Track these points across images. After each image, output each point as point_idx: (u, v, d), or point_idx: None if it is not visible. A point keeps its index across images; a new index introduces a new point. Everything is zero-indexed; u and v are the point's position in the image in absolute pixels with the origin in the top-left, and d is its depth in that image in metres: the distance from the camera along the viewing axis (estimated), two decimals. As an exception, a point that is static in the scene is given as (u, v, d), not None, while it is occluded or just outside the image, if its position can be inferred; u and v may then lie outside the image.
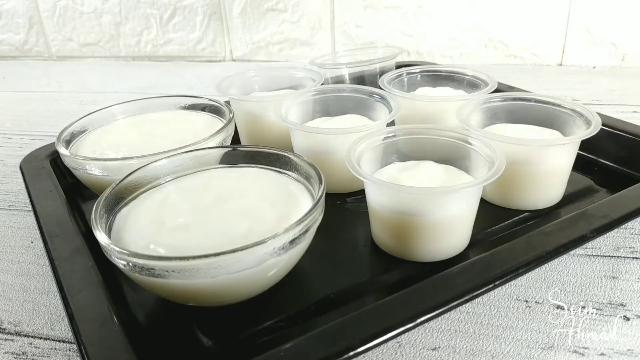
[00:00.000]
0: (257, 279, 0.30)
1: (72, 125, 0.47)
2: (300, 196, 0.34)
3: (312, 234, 0.31)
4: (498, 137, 0.39)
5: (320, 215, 0.31)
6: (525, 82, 0.62)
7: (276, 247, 0.28)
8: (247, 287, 0.30)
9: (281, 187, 0.35)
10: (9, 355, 0.32)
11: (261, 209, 0.33)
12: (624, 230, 0.40)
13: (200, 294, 0.29)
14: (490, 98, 0.46)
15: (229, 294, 0.30)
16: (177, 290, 0.29)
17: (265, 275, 0.30)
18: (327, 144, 0.43)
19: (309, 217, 0.30)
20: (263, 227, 0.31)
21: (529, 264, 0.31)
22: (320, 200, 0.31)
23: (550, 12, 0.83)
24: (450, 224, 0.34)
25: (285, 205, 0.33)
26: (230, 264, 0.27)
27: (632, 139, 0.45)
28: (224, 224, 0.32)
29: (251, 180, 0.37)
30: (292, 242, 0.29)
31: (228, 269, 0.27)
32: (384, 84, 0.51)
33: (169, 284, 0.28)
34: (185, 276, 0.27)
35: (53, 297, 0.37)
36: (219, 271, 0.27)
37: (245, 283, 0.29)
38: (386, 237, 0.37)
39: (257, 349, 0.28)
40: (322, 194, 0.32)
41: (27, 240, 0.44)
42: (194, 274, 0.27)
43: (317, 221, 0.31)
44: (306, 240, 0.31)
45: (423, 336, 0.31)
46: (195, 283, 0.28)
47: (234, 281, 0.28)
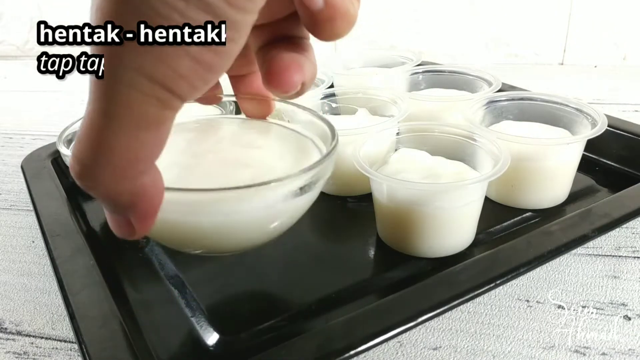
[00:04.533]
0: (259, 226, 0.27)
1: (73, 124, 0.46)
2: (310, 150, 0.32)
3: (320, 186, 0.29)
4: (503, 135, 0.39)
5: (331, 167, 0.29)
6: (526, 81, 0.61)
7: (284, 191, 0.26)
8: (245, 234, 0.28)
9: (291, 141, 0.33)
10: (11, 354, 0.32)
11: (268, 159, 0.30)
12: (625, 230, 0.40)
13: (196, 234, 0.27)
14: (496, 97, 0.46)
15: (225, 239, 0.28)
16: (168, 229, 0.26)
17: (268, 223, 0.27)
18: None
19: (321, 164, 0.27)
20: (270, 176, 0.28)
21: (530, 263, 0.31)
22: (333, 150, 0.29)
23: (551, 11, 0.83)
24: (455, 220, 0.34)
25: (295, 159, 0.31)
26: (235, 203, 0.24)
27: (633, 138, 0.45)
28: (226, 168, 0.29)
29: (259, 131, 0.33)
30: (301, 188, 0.26)
31: (232, 207, 0.25)
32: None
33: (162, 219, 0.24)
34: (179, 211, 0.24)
35: (54, 296, 0.37)
36: (221, 209, 0.25)
37: (245, 229, 0.27)
38: (392, 232, 0.37)
39: (258, 348, 0.28)
40: (335, 143, 0.29)
41: (29, 240, 0.44)
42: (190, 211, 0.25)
43: (327, 172, 0.29)
44: (314, 192, 0.28)
45: (424, 336, 0.31)
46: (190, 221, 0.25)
47: (235, 224, 0.26)
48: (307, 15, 0.19)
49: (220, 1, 0.15)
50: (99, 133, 0.16)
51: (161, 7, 0.15)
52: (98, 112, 0.16)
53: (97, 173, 0.17)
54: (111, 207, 0.19)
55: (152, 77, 0.15)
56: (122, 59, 0.15)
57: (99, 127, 0.16)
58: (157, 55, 0.15)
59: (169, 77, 0.15)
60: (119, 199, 0.18)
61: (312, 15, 0.19)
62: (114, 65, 0.15)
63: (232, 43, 0.16)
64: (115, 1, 0.15)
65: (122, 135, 0.16)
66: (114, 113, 0.16)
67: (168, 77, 0.15)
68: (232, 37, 0.16)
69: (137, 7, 0.15)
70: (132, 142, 0.16)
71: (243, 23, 0.16)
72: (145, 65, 0.15)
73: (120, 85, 0.15)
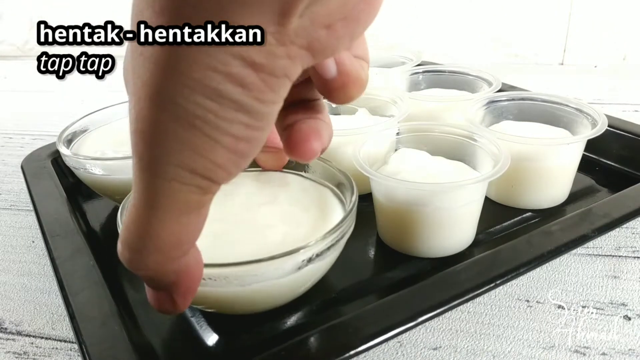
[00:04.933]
0: (290, 289, 0.29)
1: (73, 124, 0.47)
2: (330, 201, 0.33)
3: (345, 240, 0.30)
4: (504, 135, 0.39)
5: (354, 220, 0.30)
6: (526, 81, 0.61)
7: (315, 253, 0.27)
8: (277, 297, 0.29)
9: (310, 192, 0.34)
10: (10, 354, 0.32)
11: (294, 214, 0.31)
12: (625, 230, 0.40)
13: (229, 301, 0.28)
14: (496, 97, 0.46)
15: (258, 302, 0.29)
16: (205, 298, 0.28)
17: (299, 285, 0.29)
18: (332, 145, 0.43)
19: (345, 223, 0.29)
20: (299, 232, 0.30)
21: (530, 263, 0.31)
22: (354, 207, 0.30)
23: (551, 11, 0.83)
24: (455, 220, 0.34)
25: (319, 211, 0.32)
26: (266, 272, 0.26)
27: (633, 138, 0.45)
28: (256, 231, 0.30)
29: (279, 184, 0.35)
30: (329, 248, 0.28)
31: (263, 276, 0.26)
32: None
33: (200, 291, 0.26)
34: (218, 284, 0.26)
35: (54, 296, 0.37)
36: (255, 279, 0.26)
37: (277, 291, 0.28)
38: (392, 232, 0.37)
39: (258, 348, 0.28)
40: (355, 199, 0.30)
41: (29, 240, 0.44)
42: (228, 282, 0.26)
43: (351, 228, 0.30)
44: (340, 247, 0.30)
45: (424, 336, 0.31)
46: (226, 291, 0.27)
47: (267, 290, 0.27)
48: (321, 83, 0.20)
49: (251, 99, 0.16)
50: (146, 222, 0.18)
51: (197, 110, 0.16)
52: (143, 203, 0.17)
53: (146, 258, 0.18)
54: (155, 286, 0.21)
55: (193, 169, 0.17)
56: (164, 156, 0.16)
57: (145, 217, 0.17)
58: (196, 151, 0.16)
59: (208, 168, 0.17)
60: (164, 279, 0.20)
61: (326, 83, 0.20)
62: (156, 161, 0.17)
63: (261, 131, 0.17)
64: (157, 107, 0.16)
65: (167, 222, 0.17)
66: (158, 203, 0.17)
67: (207, 168, 0.17)
68: (261, 126, 0.17)
69: (176, 112, 0.16)
70: (176, 227, 0.18)
71: (270, 113, 0.17)
72: (186, 160, 0.16)
73: (163, 179, 0.17)
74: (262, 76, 0.16)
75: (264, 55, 0.16)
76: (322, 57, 0.17)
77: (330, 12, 0.16)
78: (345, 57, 0.20)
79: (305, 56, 0.16)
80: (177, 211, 0.17)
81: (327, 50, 0.17)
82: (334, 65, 0.20)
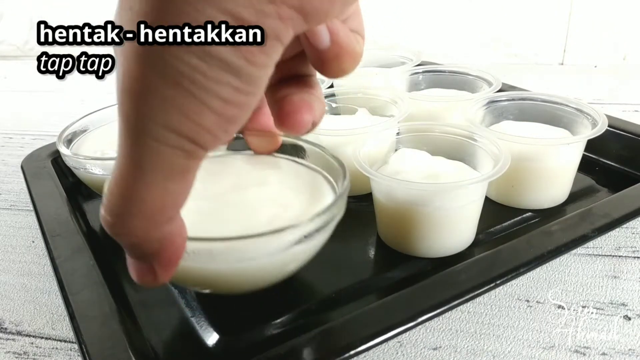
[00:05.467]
0: (276, 269, 0.28)
1: (73, 124, 0.47)
2: (321, 185, 0.33)
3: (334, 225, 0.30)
4: (504, 135, 0.39)
5: (344, 206, 0.30)
6: (526, 81, 0.61)
7: (302, 234, 0.27)
8: (262, 277, 0.29)
9: (302, 176, 0.34)
10: (11, 354, 0.32)
11: (283, 196, 0.31)
12: (625, 230, 0.40)
13: (212, 279, 0.28)
14: (496, 97, 0.46)
15: (244, 282, 0.29)
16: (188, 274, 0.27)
17: (285, 265, 0.28)
18: (332, 145, 0.43)
19: (335, 206, 0.28)
20: (288, 214, 0.29)
21: (530, 263, 0.31)
22: (345, 191, 0.30)
23: (551, 11, 0.83)
24: (455, 220, 0.34)
25: (309, 195, 0.32)
26: (251, 249, 0.26)
27: (633, 138, 0.45)
28: (244, 211, 0.30)
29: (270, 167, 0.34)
30: (317, 230, 0.27)
31: (248, 254, 0.26)
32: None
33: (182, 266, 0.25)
34: (202, 259, 0.25)
35: (54, 296, 0.37)
36: (241, 256, 0.26)
37: (262, 272, 0.28)
38: (392, 232, 0.37)
39: (258, 348, 0.28)
40: (347, 184, 0.30)
41: (29, 240, 0.44)
42: (212, 258, 0.25)
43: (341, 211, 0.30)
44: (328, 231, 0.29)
45: (424, 336, 0.31)
46: (209, 268, 0.26)
47: (252, 269, 0.27)
48: (314, 54, 0.20)
49: (241, 60, 0.16)
50: (130, 185, 0.17)
51: (185, 69, 0.16)
52: (128, 165, 0.17)
53: (129, 222, 0.18)
54: (137, 254, 0.20)
55: (179, 131, 0.16)
56: (149, 116, 0.16)
57: (130, 179, 0.17)
58: (183, 111, 0.16)
59: (195, 131, 0.16)
60: (146, 246, 0.19)
61: (319, 54, 0.20)
62: (142, 121, 0.16)
63: (251, 96, 0.17)
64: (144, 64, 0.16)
65: (152, 186, 0.17)
66: (143, 165, 0.17)
67: (194, 131, 0.16)
68: (251, 91, 0.17)
69: (162, 70, 0.16)
70: (161, 191, 0.17)
71: (261, 77, 0.17)
72: (172, 121, 0.16)
73: (149, 139, 0.16)
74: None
75: (254, 12, 0.15)
76: (314, 22, 0.17)
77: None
78: (339, 28, 0.20)
79: (296, 18, 0.16)
80: (162, 174, 0.17)
81: (320, 13, 0.17)
82: (328, 35, 0.20)
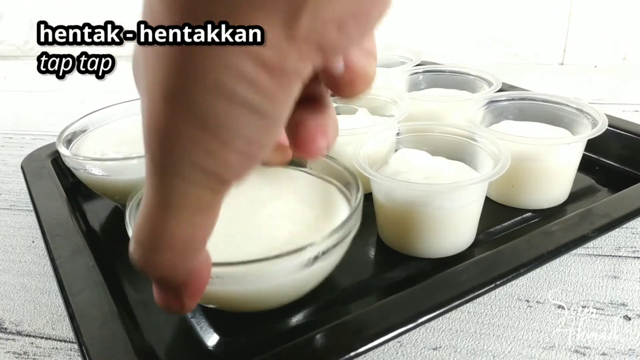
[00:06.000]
0: (296, 287, 0.29)
1: (73, 124, 0.47)
2: (334, 197, 0.33)
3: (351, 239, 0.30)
4: (504, 135, 0.39)
5: (360, 219, 0.30)
6: (526, 81, 0.61)
7: (321, 251, 0.27)
8: (284, 294, 0.29)
9: (315, 188, 0.34)
10: (10, 354, 0.32)
11: (300, 212, 0.31)
12: (625, 230, 0.40)
13: (235, 299, 0.28)
14: (496, 97, 0.46)
15: (263, 301, 0.29)
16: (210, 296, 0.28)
17: (305, 281, 0.29)
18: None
19: (350, 221, 0.29)
20: (305, 230, 0.30)
21: (530, 263, 0.31)
22: (359, 204, 0.30)
23: (551, 11, 0.83)
24: (455, 220, 0.34)
25: (324, 209, 0.32)
26: (272, 270, 0.26)
27: (633, 138, 0.45)
28: (264, 230, 0.30)
29: (286, 180, 0.35)
30: (334, 246, 0.28)
31: (269, 275, 0.26)
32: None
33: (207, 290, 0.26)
34: (225, 283, 0.26)
35: (54, 296, 0.37)
36: (259, 278, 0.26)
37: (283, 290, 0.28)
38: (392, 232, 0.37)
39: (258, 349, 0.28)
40: (361, 196, 0.30)
41: (29, 240, 0.44)
42: (235, 281, 0.26)
43: (357, 225, 0.30)
44: (345, 245, 0.30)
45: (424, 336, 0.31)
46: (232, 290, 0.27)
47: (272, 288, 0.27)
48: (329, 79, 0.20)
49: (262, 100, 0.16)
50: (158, 221, 0.18)
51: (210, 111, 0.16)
52: (156, 202, 0.18)
53: (158, 257, 0.18)
54: (166, 286, 0.21)
55: (205, 170, 0.17)
56: (176, 155, 0.17)
57: (158, 216, 0.18)
58: (209, 151, 0.16)
59: (221, 170, 0.17)
60: (175, 278, 0.20)
61: (333, 79, 0.20)
62: (168, 160, 0.17)
63: (273, 134, 0.18)
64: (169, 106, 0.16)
65: (180, 221, 0.18)
66: (171, 202, 0.17)
67: (219, 170, 0.17)
68: (273, 128, 0.17)
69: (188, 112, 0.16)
70: (189, 227, 0.18)
71: (282, 115, 0.17)
72: (198, 161, 0.17)
73: (176, 178, 0.17)
74: (273, 76, 0.16)
75: (276, 55, 0.16)
76: (333, 56, 0.17)
77: (341, 10, 0.16)
78: (352, 53, 0.20)
79: (316, 55, 0.16)
80: (190, 211, 0.18)
81: (337, 48, 0.17)
82: (342, 61, 0.20)
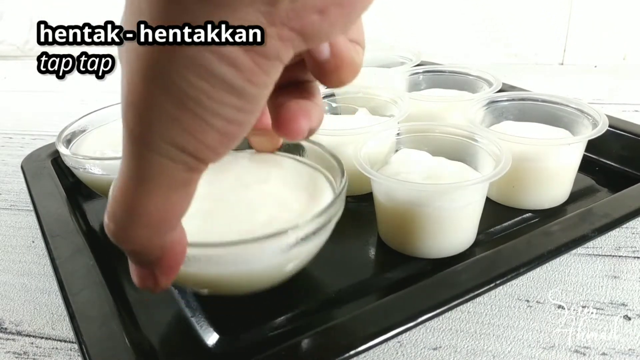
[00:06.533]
0: (276, 271, 0.28)
1: (72, 124, 0.47)
2: (321, 184, 0.33)
3: (333, 225, 0.30)
4: (504, 136, 0.39)
5: (342, 206, 0.30)
6: (526, 81, 0.61)
7: (301, 236, 0.27)
8: (262, 279, 0.29)
9: (302, 175, 0.34)
10: (10, 354, 0.32)
11: (283, 196, 0.31)
12: (625, 230, 0.40)
13: (213, 282, 0.28)
14: (497, 97, 0.46)
15: (243, 284, 0.29)
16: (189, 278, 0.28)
17: (284, 267, 0.29)
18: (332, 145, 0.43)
19: (333, 206, 0.28)
20: (287, 214, 0.29)
21: (530, 263, 0.31)
22: (343, 190, 0.30)
23: (551, 11, 0.83)
24: (456, 220, 0.34)
25: (309, 195, 0.32)
26: (251, 253, 0.26)
27: (633, 138, 0.45)
28: (244, 211, 0.30)
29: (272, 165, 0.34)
30: (315, 231, 0.28)
31: (248, 258, 0.26)
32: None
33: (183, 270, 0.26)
34: (202, 264, 0.26)
35: (54, 296, 0.37)
36: (240, 260, 0.26)
37: (262, 274, 0.28)
38: (392, 232, 0.37)
39: (258, 348, 0.28)
40: (345, 183, 0.30)
41: (29, 240, 0.44)
42: (212, 263, 0.26)
43: (339, 212, 0.30)
44: (327, 232, 0.30)
45: (424, 335, 0.31)
46: (210, 272, 0.27)
47: (252, 272, 0.27)
48: (315, 65, 0.20)
49: (244, 81, 0.16)
50: (134, 195, 0.18)
51: (190, 90, 0.16)
52: (132, 176, 0.18)
53: (132, 231, 0.19)
54: (139, 261, 0.21)
55: (182, 147, 0.17)
56: (154, 131, 0.17)
57: (133, 190, 0.18)
58: (187, 130, 0.17)
59: (198, 148, 0.17)
60: (149, 254, 0.20)
61: (319, 65, 0.20)
62: (146, 135, 0.17)
63: (252, 115, 0.18)
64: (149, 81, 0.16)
65: (155, 197, 0.18)
66: (147, 177, 0.17)
67: (196, 148, 0.17)
68: (252, 109, 0.17)
69: (167, 89, 0.16)
70: (163, 202, 0.18)
71: (262, 96, 0.17)
72: (176, 138, 0.17)
73: (153, 153, 0.17)
74: (253, 57, 0.16)
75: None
76: (314, 43, 0.17)
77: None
78: (339, 40, 0.20)
79: (297, 40, 0.16)
80: (165, 186, 0.18)
81: (320, 35, 0.17)
82: (328, 47, 0.20)
